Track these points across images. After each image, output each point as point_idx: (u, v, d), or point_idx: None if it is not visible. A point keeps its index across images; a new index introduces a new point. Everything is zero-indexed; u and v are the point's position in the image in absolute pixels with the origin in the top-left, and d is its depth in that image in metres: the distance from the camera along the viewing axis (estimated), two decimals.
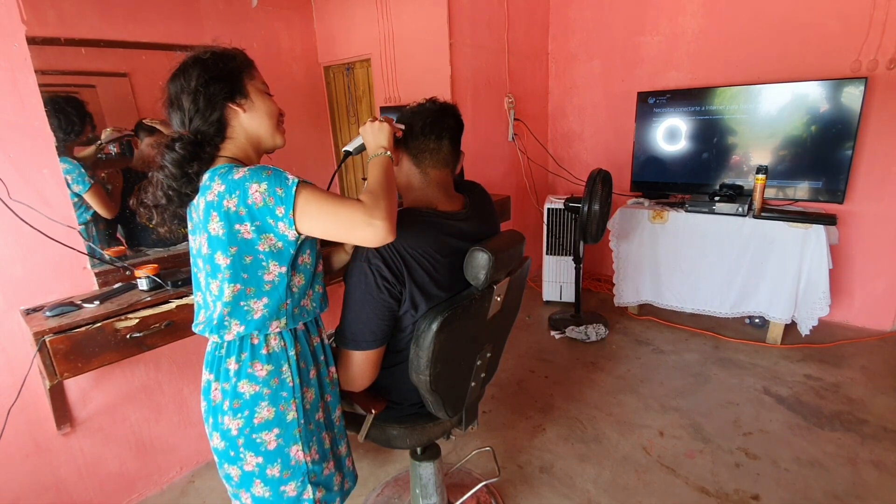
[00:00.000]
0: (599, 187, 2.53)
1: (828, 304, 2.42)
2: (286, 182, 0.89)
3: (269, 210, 0.89)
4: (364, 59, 2.98)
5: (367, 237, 0.91)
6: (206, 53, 0.97)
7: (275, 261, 0.94)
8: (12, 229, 1.38)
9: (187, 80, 0.95)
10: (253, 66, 1.03)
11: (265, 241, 0.92)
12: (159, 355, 1.77)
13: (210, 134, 0.97)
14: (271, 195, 0.88)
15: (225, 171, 0.91)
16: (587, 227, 2.59)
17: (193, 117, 0.96)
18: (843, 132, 2.46)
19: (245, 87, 1.00)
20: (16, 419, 1.47)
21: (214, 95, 0.95)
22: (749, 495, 1.69)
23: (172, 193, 0.95)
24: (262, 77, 1.05)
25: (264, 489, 1.03)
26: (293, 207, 0.89)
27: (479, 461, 1.91)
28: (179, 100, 0.96)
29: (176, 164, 0.93)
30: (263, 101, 1.02)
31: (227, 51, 1.00)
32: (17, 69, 1.34)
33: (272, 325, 0.97)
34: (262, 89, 1.03)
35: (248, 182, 0.88)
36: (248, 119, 1.00)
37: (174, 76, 0.97)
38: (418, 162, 1.15)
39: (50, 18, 1.74)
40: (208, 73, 0.95)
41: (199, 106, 0.95)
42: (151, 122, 1.94)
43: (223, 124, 0.98)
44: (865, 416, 2.05)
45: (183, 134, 0.96)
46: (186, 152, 0.94)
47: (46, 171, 1.42)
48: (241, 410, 0.98)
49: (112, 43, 1.95)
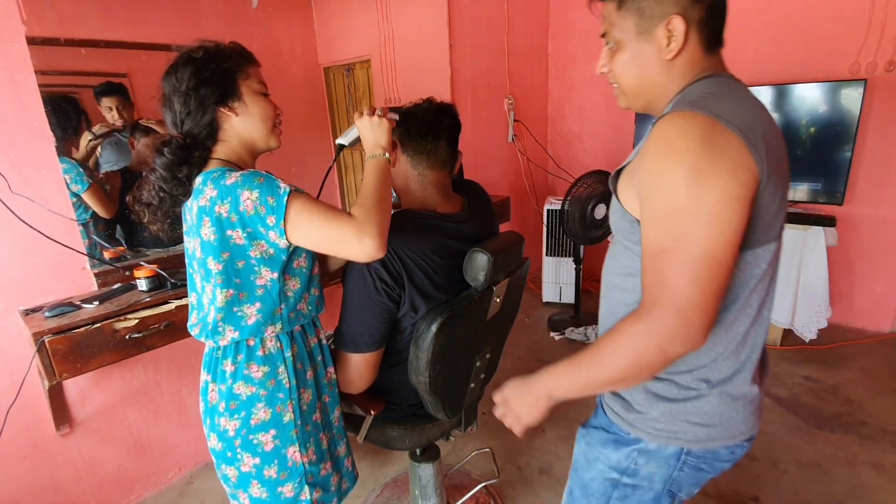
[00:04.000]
0: (581, 189, 2.60)
1: (827, 316, 2.42)
2: (278, 191, 0.88)
3: (261, 218, 0.88)
4: (364, 60, 2.98)
5: (357, 254, 0.90)
6: (199, 52, 0.93)
7: (267, 267, 0.93)
8: (11, 230, 1.37)
9: (179, 81, 0.92)
10: (249, 63, 0.99)
11: (257, 248, 0.91)
12: (158, 356, 1.76)
13: (201, 137, 0.96)
14: (262, 204, 0.87)
15: (217, 175, 0.90)
16: (568, 226, 2.66)
17: (184, 119, 0.94)
18: (843, 134, 2.46)
19: (238, 89, 0.96)
20: (14, 420, 1.47)
21: (205, 98, 0.93)
22: (748, 497, 1.69)
23: (164, 195, 0.95)
24: (259, 74, 1.01)
25: (261, 490, 1.03)
26: (284, 217, 0.88)
27: (478, 462, 1.91)
28: (171, 100, 0.95)
29: (166, 167, 0.93)
30: (257, 104, 0.98)
31: (221, 49, 0.96)
32: (17, 69, 1.34)
33: (267, 329, 0.97)
34: (258, 89, 0.99)
35: (240, 189, 0.87)
36: (240, 123, 0.98)
37: (167, 74, 0.95)
38: (415, 164, 1.14)
39: (50, 19, 1.74)
40: (199, 74, 0.92)
41: (189, 108, 0.93)
42: (148, 122, 1.94)
43: (215, 127, 0.97)
44: (864, 418, 2.05)
45: (173, 137, 0.95)
46: (175, 157, 0.93)
47: (45, 172, 1.42)
48: (238, 411, 0.98)
49: (112, 43, 1.95)
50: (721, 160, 0.62)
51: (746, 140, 0.63)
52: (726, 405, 0.75)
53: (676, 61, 0.73)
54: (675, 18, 0.69)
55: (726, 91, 0.70)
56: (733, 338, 0.73)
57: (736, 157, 0.62)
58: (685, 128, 0.64)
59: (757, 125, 0.66)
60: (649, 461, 0.80)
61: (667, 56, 0.72)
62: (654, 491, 0.81)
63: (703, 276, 0.62)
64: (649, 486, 0.81)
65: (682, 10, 0.70)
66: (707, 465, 0.79)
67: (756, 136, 0.64)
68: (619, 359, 0.69)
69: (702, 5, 0.70)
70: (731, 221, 0.62)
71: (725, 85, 0.71)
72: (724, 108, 0.65)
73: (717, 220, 0.62)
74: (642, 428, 0.78)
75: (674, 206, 0.63)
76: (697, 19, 0.70)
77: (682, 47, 0.71)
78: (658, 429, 0.77)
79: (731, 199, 0.62)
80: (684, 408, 0.75)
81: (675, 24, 0.70)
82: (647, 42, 0.73)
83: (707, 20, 0.71)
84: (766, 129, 0.68)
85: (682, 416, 0.76)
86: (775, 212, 0.69)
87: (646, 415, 0.78)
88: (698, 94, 0.70)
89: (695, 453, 0.77)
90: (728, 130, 0.63)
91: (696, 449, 0.77)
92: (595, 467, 0.85)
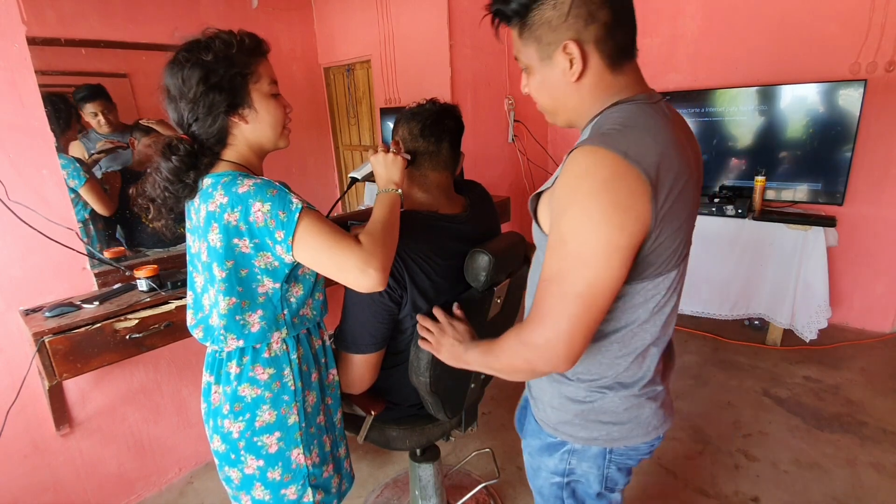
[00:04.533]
0: None
1: (826, 317, 2.42)
2: (290, 206, 0.87)
3: (269, 232, 0.87)
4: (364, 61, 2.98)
5: (359, 284, 0.90)
6: (209, 54, 0.88)
7: (269, 277, 0.93)
8: (11, 229, 1.37)
9: (186, 85, 0.88)
10: (259, 61, 0.95)
11: (262, 258, 0.91)
12: (158, 356, 1.76)
13: (209, 143, 0.94)
14: (273, 217, 0.87)
15: (228, 180, 0.89)
16: None
17: (192, 124, 0.92)
18: (843, 134, 2.46)
19: (249, 95, 0.93)
20: (15, 420, 1.47)
21: (215, 106, 0.90)
22: (748, 497, 1.69)
23: (168, 195, 0.93)
24: (269, 70, 0.96)
25: (265, 492, 1.02)
26: (293, 234, 0.87)
27: (478, 462, 1.91)
28: (176, 101, 0.91)
29: (173, 172, 0.90)
30: (268, 109, 0.95)
31: (230, 53, 0.90)
32: (17, 69, 1.34)
33: (273, 335, 0.97)
34: (269, 91, 0.95)
35: (252, 199, 0.86)
36: (250, 129, 0.95)
37: (172, 68, 0.90)
38: (418, 165, 1.14)
39: (50, 19, 1.74)
40: (208, 80, 0.88)
41: (197, 115, 0.90)
42: (149, 122, 1.94)
43: (224, 134, 0.94)
44: (865, 418, 2.05)
45: (182, 141, 0.91)
46: (184, 164, 0.90)
47: (46, 172, 1.42)
48: (243, 413, 0.98)
49: (112, 43, 1.95)
50: (615, 209, 0.65)
51: (650, 181, 0.65)
52: (633, 405, 0.82)
53: (583, 82, 0.74)
54: (570, 44, 0.70)
55: (639, 122, 0.70)
56: (634, 351, 0.80)
57: (631, 207, 0.65)
58: (590, 169, 0.66)
59: (665, 158, 0.67)
60: (581, 461, 0.87)
61: (571, 79, 0.73)
62: (594, 489, 0.89)
63: (575, 314, 0.68)
64: (588, 484, 0.89)
65: (576, 34, 0.70)
66: (632, 459, 0.88)
67: (663, 170, 0.67)
68: (501, 358, 0.81)
69: (597, 25, 0.69)
70: (610, 269, 0.67)
71: (638, 114, 0.71)
72: (632, 144, 0.66)
73: (596, 266, 0.66)
74: (564, 431, 0.86)
75: (563, 243, 0.68)
76: (595, 39, 0.70)
77: (584, 69, 0.72)
78: (577, 434, 0.84)
79: (614, 249, 0.66)
80: (593, 408, 0.82)
81: (571, 49, 0.70)
82: (550, 67, 0.74)
83: (606, 38, 0.70)
84: (677, 159, 0.69)
85: (594, 417, 0.83)
86: (675, 247, 0.73)
87: (564, 417, 0.85)
88: (610, 125, 0.70)
89: (618, 451, 0.85)
90: (634, 171, 0.65)
91: (617, 447, 0.84)
92: (540, 475, 0.93)
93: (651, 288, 0.75)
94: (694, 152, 0.79)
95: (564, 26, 0.70)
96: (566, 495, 0.91)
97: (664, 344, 0.83)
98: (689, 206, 0.74)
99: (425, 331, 1.03)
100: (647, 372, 0.82)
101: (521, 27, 0.74)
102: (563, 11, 0.69)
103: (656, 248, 0.71)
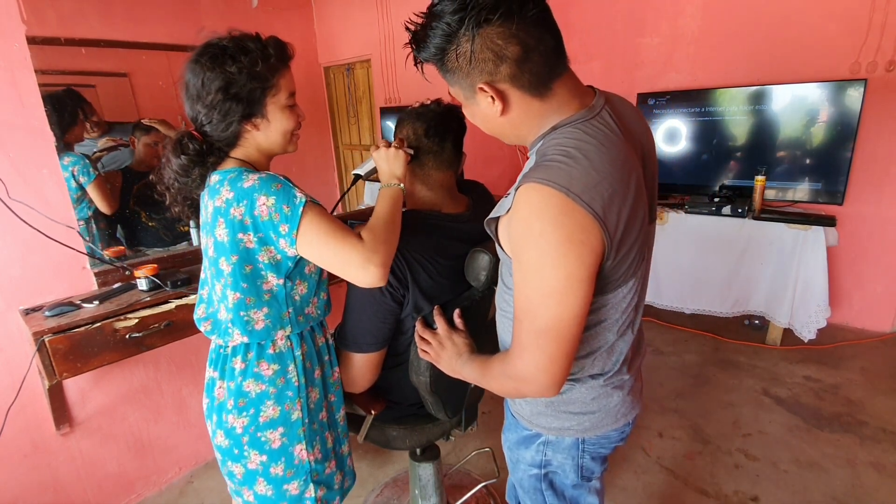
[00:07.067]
0: None
1: (826, 316, 2.42)
2: (294, 200, 0.89)
3: (273, 225, 0.89)
4: (364, 60, 2.99)
5: (359, 279, 0.92)
6: (233, 66, 0.89)
7: (273, 272, 0.95)
8: (11, 229, 1.37)
9: (206, 90, 0.91)
10: (282, 73, 0.96)
11: (266, 253, 0.93)
12: (158, 355, 1.76)
13: (219, 144, 0.96)
14: (277, 211, 0.89)
15: (234, 176, 0.91)
16: None
17: (205, 124, 0.94)
18: (843, 134, 2.46)
19: (265, 108, 0.95)
20: (14, 419, 1.47)
21: (230, 113, 0.92)
22: (748, 497, 1.69)
23: (180, 185, 0.98)
24: (290, 84, 0.98)
25: (267, 487, 1.03)
26: (297, 228, 0.89)
27: (478, 462, 1.91)
28: (193, 100, 0.93)
29: (181, 168, 0.95)
30: (280, 121, 0.97)
31: (255, 68, 0.91)
32: (17, 69, 1.34)
33: (277, 334, 0.98)
34: (285, 104, 0.97)
35: (257, 193, 0.88)
36: (261, 136, 0.98)
37: (194, 66, 0.91)
38: (421, 164, 1.14)
39: (50, 18, 1.74)
40: (229, 90, 0.90)
41: (212, 119, 0.93)
42: (150, 121, 1.94)
43: (235, 137, 0.97)
44: (865, 418, 2.05)
45: (193, 138, 0.94)
46: (192, 162, 0.94)
47: (46, 171, 1.42)
48: (247, 409, 0.99)
49: (112, 43, 1.95)
50: (570, 245, 0.66)
51: (596, 215, 0.66)
52: (600, 394, 0.85)
53: (510, 115, 0.74)
54: (484, 87, 0.70)
55: (580, 150, 0.68)
56: (600, 347, 0.82)
57: (584, 240, 0.66)
58: (539, 208, 0.66)
59: (608, 186, 0.67)
60: (556, 452, 0.90)
61: (496, 114, 0.73)
62: (571, 479, 0.91)
63: (548, 346, 0.70)
64: (565, 474, 0.91)
65: (488, 76, 0.70)
66: (605, 448, 0.91)
67: (608, 201, 0.67)
68: (492, 384, 0.85)
69: (507, 63, 0.68)
70: (575, 299, 0.68)
71: (579, 140, 0.70)
72: (574, 180, 0.66)
73: (560, 301, 0.68)
74: (538, 423, 0.89)
75: (526, 282, 0.71)
76: (510, 77, 0.69)
77: (505, 105, 0.72)
78: (550, 425, 0.87)
79: (575, 281, 0.67)
80: (563, 399, 0.85)
81: (487, 91, 0.70)
82: (476, 104, 0.75)
83: (520, 74, 0.69)
84: (621, 182, 0.69)
85: (563, 408, 0.86)
86: (633, 257, 0.75)
87: (536, 409, 0.88)
88: (552, 154, 0.69)
89: (590, 441, 0.88)
90: (578, 208, 0.65)
91: (589, 437, 0.87)
92: (519, 468, 0.96)
93: (612, 297, 0.77)
94: (644, 144, 0.80)
95: (476, 71, 0.70)
96: (545, 486, 0.94)
97: (631, 337, 0.85)
98: (641, 215, 0.74)
99: (424, 342, 1.03)
100: (615, 365, 0.84)
101: (441, 69, 0.75)
102: (466, 59, 0.69)
103: (616, 265, 0.72)
